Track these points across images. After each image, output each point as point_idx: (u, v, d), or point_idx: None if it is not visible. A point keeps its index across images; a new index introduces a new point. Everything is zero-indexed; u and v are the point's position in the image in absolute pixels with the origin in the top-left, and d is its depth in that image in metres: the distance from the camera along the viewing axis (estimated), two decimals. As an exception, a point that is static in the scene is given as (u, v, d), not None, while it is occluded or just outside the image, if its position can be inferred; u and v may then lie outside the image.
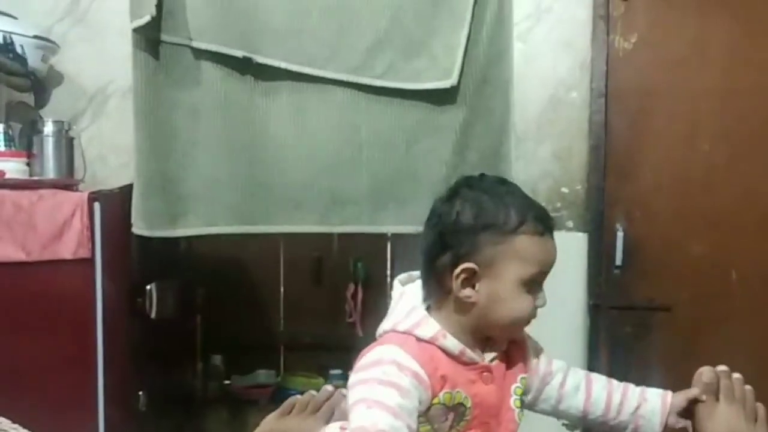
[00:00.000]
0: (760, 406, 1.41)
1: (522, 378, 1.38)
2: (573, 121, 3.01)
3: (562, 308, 2.89)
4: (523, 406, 1.38)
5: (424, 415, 1.26)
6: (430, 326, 1.29)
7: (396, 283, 1.39)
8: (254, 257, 3.15)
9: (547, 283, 1.30)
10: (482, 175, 1.38)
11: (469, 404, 1.29)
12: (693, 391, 1.42)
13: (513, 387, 1.36)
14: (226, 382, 3.14)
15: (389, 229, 2.51)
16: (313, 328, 3.14)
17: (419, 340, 1.28)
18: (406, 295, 1.35)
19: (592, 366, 2.86)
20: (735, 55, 2.94)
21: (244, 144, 2.37)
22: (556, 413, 1.49)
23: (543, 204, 1.35)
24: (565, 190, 3.01)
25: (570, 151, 3.02)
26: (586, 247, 2.95)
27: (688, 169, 2.95)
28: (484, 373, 1.31)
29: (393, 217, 2.44)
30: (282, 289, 3.18)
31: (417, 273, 1.35)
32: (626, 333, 3.00)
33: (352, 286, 3.10)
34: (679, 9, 2.96)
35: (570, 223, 3.01)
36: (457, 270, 1.27)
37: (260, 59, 2.35)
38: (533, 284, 1.28)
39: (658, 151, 2.97)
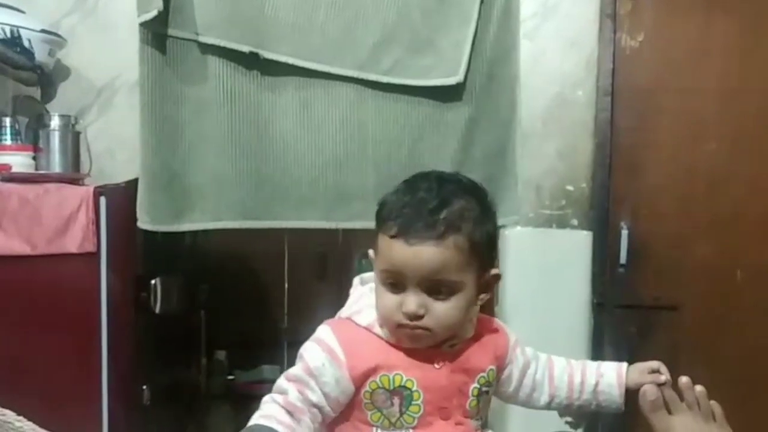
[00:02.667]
0: (715, 405, 1.42)
1: (491, 369, 1.40)
2: (579, 119, 3.01)
3: (566, 307, 2.89)
4: (482, 396, 1.39)
5: (370, 400, 1.32)
6: (369, 314, 1.35)
7: (356, 278, 1.46)
8: (259, 253, 3.15)
9: (551, 282, 1.31)
10: (431, 171, 1.40)
11: (414, 387, 1.31)
12: (648, 365, 1.47)
13: (478, 375, 1.38)
14: (230, 377, 3.15)
15: (394, 225, 2.50)
16: (317, 323, 3.12)
17: (358, 325, 1.35)
18: (359, 288, 1.43)
19: (596, 365, 2.86)
20: (742, 54, 2.93)
21: (250, 139, 2.37)
22: (528, 402, 1.54)
23: (547, 202, 1.36)
24: (570, 187, 3.01)
25: (575, 148, 3.02)
26: (591, 245, 2.95)
27: (693, 168, 2.95)
28: (435, 360, 1.34)
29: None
30: (286, 285, 3.18)
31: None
32: (631, 332, 3.00)
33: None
34: (686, 8, 2.96)
35: (575, 221, 3.01)
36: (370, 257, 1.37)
37: (267, 55, 2.35)
38: (392, 284, 1.29)
39: (663, 149, 2.97)
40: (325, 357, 1.31)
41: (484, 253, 1.33)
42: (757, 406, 2.77)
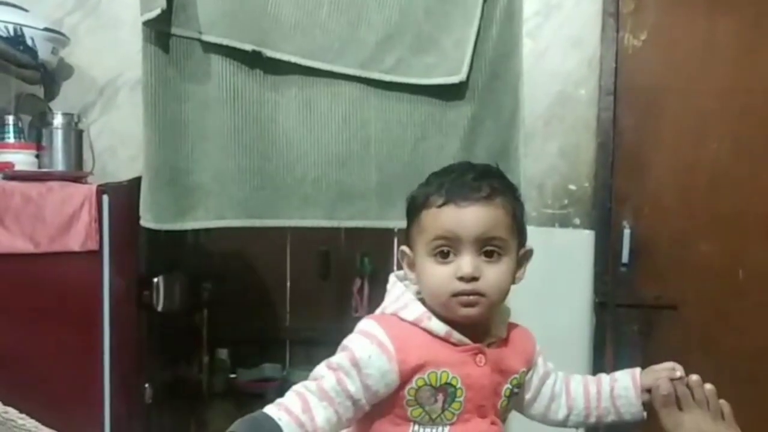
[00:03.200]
0: (724, 404, 1.43)
1: (522, 371, 1.42)
2: (581, 118, 3.01)
3: (568, 305, 2.89)
4: (512, 397, 1.41)
5: (414, 396, 1.31)
6: (415, 308, 1.35)
7: (391, 275, 1.44)
8: (261, 251, 3.15)
9: (553, 281, 1.32)
10: (453, 164, 1.44)
11: (458, 384, 1.32)
12: (664, 366, 1.47)
13: (511, 377, 1.40)
14: (232, 375, 3.15)
15: (397, 224, 2.50)
16: (320, 322, 3.14)
17: (403, 320, 1.34)
18: (398, 285, 1.41)
19: (598, 364, 2.87)
20: (744, 53, 2.93)
21: (253, 138, 2.37)
22: (546, 414, 1.54)
23: (549, 201, 1.38)
24: (572, 187, 3.01)
25: (578, 148, 3.02)
26: (593, 244, 2.94)
27: (695, 167, 2.95)
28: (478, 355, 1.35)
29: (400, 212, 2.40)
30: (288, 284, 3.19)
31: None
32: (632, 331, 3.00)
33: (358, 281, 3.10)
34: (689, 7, 2.96)
35: (577, 221, 3.01)
36: (399, 255, 1.40)
37: (270, 53, 2.35)
38: (441, 254, 1.32)
39: (666, 148, 2.97)
40: (373, 349, 1.29)
41: (522, 225, 1.39)
42: (760, 405, 2.77)
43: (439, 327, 1.33)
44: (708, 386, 1.43)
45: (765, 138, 2.92)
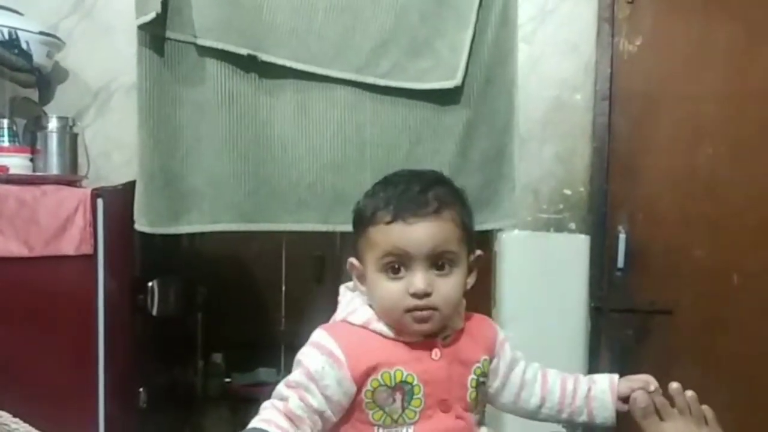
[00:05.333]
0: (706, 409, 1.43)
1: (484, 359, 1.42)
2: (576, 123, 3.01)
3: (563, 310, 2.89)
4: (480, 387, 1.41)
5: (371, 399, 1.32)
6: (363, 312, 1.37)
7: (342, 287, 1.47)
8: (256, 255, 3.15)
9: (548, 285, 1.32)
10: (398, 171, 1.45)
11: (414, 381, 1.32)
12: (639, 378, 1.47)
13: (474, 366, 1.40)
14: (227, 380, 3.15)
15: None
16: (315, 326, 3.12)
17: (353, 325, 1.36)
18: (348, 293, 1.44)
19: (593, 369, 2.86)
20: (740, 59, 2.94)
21: (248, 142, 2.37)
22: (516, 403, 1.54)
23: (544, 206, 1.39)
24: (567, 191, 3.01)
25: (573, 153, 3.02)
26: (588, 249, 2.95)
27: (691, 173, 2.96)
28: (433, 350, 1.35)
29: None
30: (284, 288, 3.19)
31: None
32: (627, 336, 3.00)
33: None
34: (684, 12, 2.96)
35: (572, 225, 3.01)
36: (348, 266, 1.41)
37: (265, 57, 2.35)
38: (392, 269, 1.32)
39: (661, 154, 2.97)
40: (324, 359, 1.31)
41: (470, 232, 1.39)
42: (754, 410, 2.77)
43: (387, 329, 1.35)
44: (689, 393, 1.43)
45: (760, 143, 2.93)
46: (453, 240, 1.33)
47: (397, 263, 1.32)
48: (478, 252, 1.42)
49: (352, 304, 1.40)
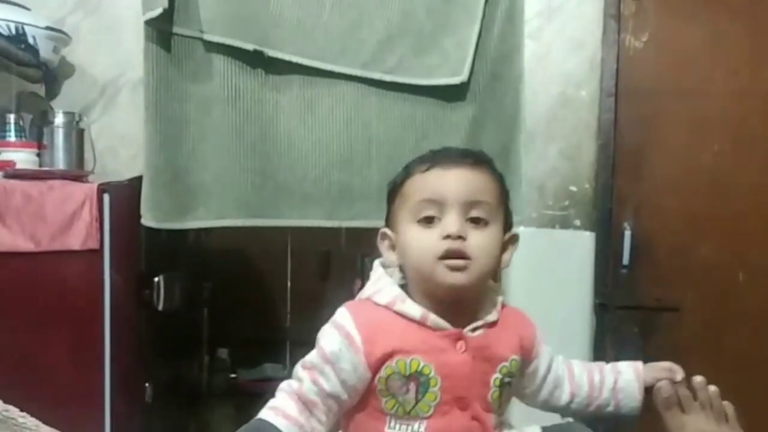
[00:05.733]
0: (727, 405, 1.43)
1: (513, 359, 1.35)
2: (582, 120, 3.01)
3: (568, 307, 2.89)
4: (504, 387, 1.34)
5: (384, 386, 1.27)
6: (390, 291, 1.32)
7: (376, 262, 1.41)
8: (262, 251, 3.15)
9: (553, 282, 1.32)
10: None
11: (431, 373, 1.26)
12: (662, 366, 1.46)
13: (500, 365, 1.33)
14: (233, 375, 3.15)
15: (397, 224, 2.51)
16: (320, 322, 3.11)
17: (377, 305, 1.31)
18: (380, 270, 1.38)
19: (598, 365, 2.86)
20: (745, 56, 2.93)
21: (254, 137, 2.37)
22: (548, 401, 1.50)
23: (550, 202, 1.37)
24: (573, 188, 3.01)
25: (579, 149, 3.02)
26: (594, 246, 2.94)
27: (697, 169, 2.95)
28: (458, 341, 1.29)
29: (401, 213, 2.44)
30: (289, 284, 3.19)
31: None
32: (633, 333, 3.00)
33: (358, 282, 3.10)
34: (690, 9, 2.96)
35: (578, 222, 3.01)
36: (378, 237, 1.37)
37: (271, 53, 2.35)
38: (426, 219, 1.29)
39: (667, 150, 2.97)
40: (342, 341, 1.28)
41: (507, 207, 1.35)
42: (760, 407, 2.76)
43: (413, 309, 1.29)
44: (712, 388, 1.42)
45: (766, 140, 2.92)
46: (490, 192, 1.30)
47: (431, 211, 1.28)
48: (515, 230, 1.37)
49: (380, 282, 1.35)
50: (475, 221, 1.28)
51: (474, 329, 1.31)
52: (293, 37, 2.36)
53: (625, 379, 1.49)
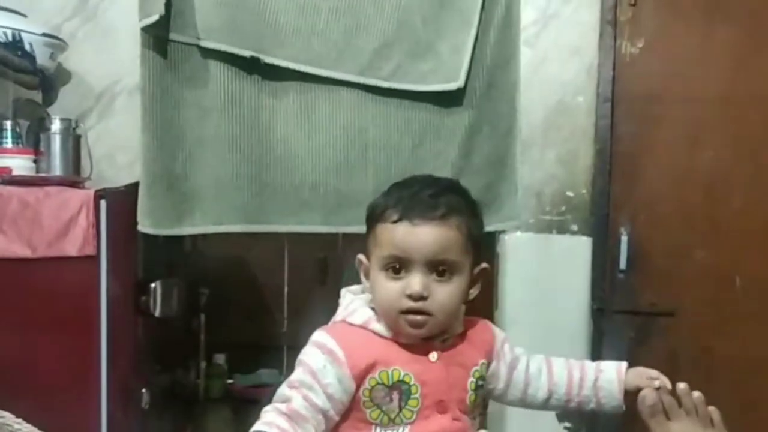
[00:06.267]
0: (713, 410, 1.43)
1: (482, 363, 1.44)
2: (579, 126, 3.02)
3: (565, 312, 2.90)
4: (479, 390, 1.43)
5: (369, 397, 1.33)
6: (363, 312, 1.39)
7: (343, 290, 1.49)
8: (259, 257, 3.15)
9: (550, 287, 1.33)
10: (418, 174, 1.50)
11: (411, 381, 1.33)
12: (647, 373, 1.48)
13: (472, 369, 1.42)
14: (229, 381, 3.14)
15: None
16: (317, 328, 3.13)
17: (351, 325, 1.38)
18: (349, 295, 1.46)
19: (594, 370, 2.86)
20: (741, 62, 2.94)
21: (251, 143, 2.37)
22: (524, 399, 1.56)
23: (547, 207, 1.39)
24: (570, 194, 3.02)
25: (576, 155, 3.02)
26: (591, 251, 2.95)
27: (692, 175, 2.96)
28: (430, 352, 1.37)
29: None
30: (286, 289, 3.18)
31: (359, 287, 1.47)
32: (630, 338, 3.00)
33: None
34: (687, 15, 2.96)
35: (574, 227, 3.01)
36: (356, 262, 1.43)
37: (268, 59, 2.35)
38: (393, 269, 1.34)
39: (663, 156, 2.97)
40: (325, 358, 1.33)
41: (477, 244, 1.40)
42: (755, 413, 2.77)
43: (385, 330, 1.36)
44: (696, 394, 1.43)
45: (762, 145, 2.93)
46: (455, 248, 1.34)
47: (398, 263, 1.33)
48: (484, 265, 1.43)
49: (352, 305, 1.42)
50: (441, 274, 1.34)
51: (443, 340, 1.39)
52: (290, 44, 2.37)
53: (606, 378, 1.53)
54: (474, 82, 2.42)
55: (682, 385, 1.44)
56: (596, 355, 2.94)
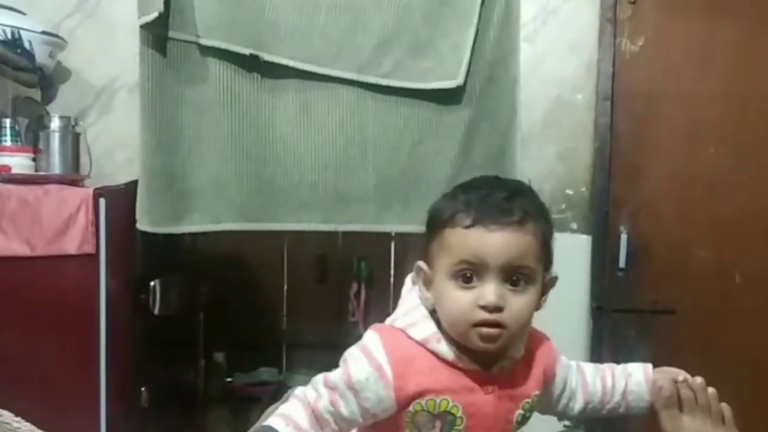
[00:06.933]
0: (725, 407, 1.42)
1: (536, 394, 1.33)
2: (578, 123, 3.01)
3: (565, 310, 2.88)
4: (523, 422, 1.32)
5: (411, 419, 1.24)
6: (426, 327, 1.27)
7: (408, 279, 1.35)
8: (258, 255, 3.15)
9: (550, 285, 1.29)
10: (480, 177, 1.33)
11: (458, 413, 1.24)
12: (670, 371, 1.45)
13: (523, 402, 1.31)
14: (229, 379, 3.14)
15: (394, 228, 2.51)
16: (316, 326, 3.15)
17: (410, 338, 1.26)
18: (413, 293, 1.32)
19: (594, 368, 2.86)
20: (741, 59, 2.94)
21: (250, 141, 2.37)
22: (563, 413, 1.49)
23: (548, 204, 1.31)
24: (569, 191, 3.01)
25: (575, 152, 3.02)
26: (590, 249, 2.95)
27: (692, 172, 2.96)
28: (486, 385, 1.27)
29: (398, 216, 2.44)
30: (285, 287, 3.18)
31: None
32: (629, 336, 3.00)
33: (355, 285, 3.10)
34: (686, 13, 2.96)
35: (574, 225, 3.01)
36: (414, 270, 1.29)
37: (267, 57, 2.35)
38: (464, 278, 1.22)
39: (662, 153, 2.97)
40: (371, 372, 1.23)
41: (549, 250, 1.30)
42: (757, 410, 2.76)
43: (447, 351, 1.25)
44: (710, 390, 1.42)
45: (762, 143, 2.93)
46: (531, 255, 1.23)
47: (470, 271, 1.22)
48: (554, 273, 1.33)
49: (415, 314, 1.29)
50: (515, 284, 1.23)
51: (502, 367, 1.28)
52: (289, 41, 2.36)
53: (635, 381, 1.47)
54: (474, 79, 2.42)
55: (699, 380, 1.43)
56: (596, 353, 2.94)
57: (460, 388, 1.25)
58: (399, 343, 1.25)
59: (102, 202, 2.31)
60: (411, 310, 1.30)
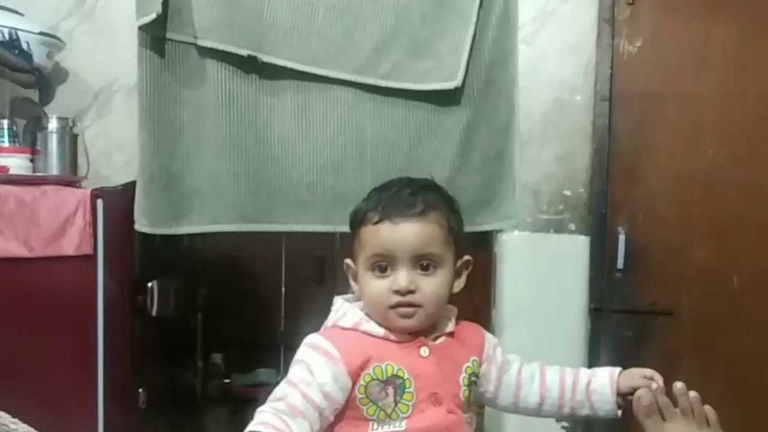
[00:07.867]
0: (709, 410, 1.43)
1: (474, 359, 1.49)
2: (577, 124, 3.01)
3: (563, 311, 2.89)
4: (471, 385, 1.47)
5: (364, 393, 1.37)
6: (353, 315, 1.45)
7: (336, 298, 1.54)
8: (256, 256, 3.15)
9: (548, 286, 1.35)
10: (395, 179, 1.54)
11: (405, 375, 1.38)
12: (641, 373, 1.50)
13: (464, 365, 1.47)
14: (226, 380, 3.15)
15: (392, 229, 2.51)
16: (314, 327, 3.12)
17: (343, 329, 1.43)
18: (339, 300, 1.51)
19: (592, 370, 2.86)
20: (739, 60, 2.94)
21: (248, 142, 2.36)
22: (516, 404, 1.59)
23: (545, 206, 1.41)
24: (567, 192, 3.01)
25: (573, 154, 3.02)
26: (588, 250, 2.95)
27: (691, 174, 2.96)
28: (421, 347, 1.42)
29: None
30: (283, 289, 3.19)
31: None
32: (628, 337, 3.00)
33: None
34: (684, 14, 2.96)
35: (572, 226, 3.01)
36: (344, 267, 1.51)
37: (265, 58, 2.35)
38: (379, 268, 1.41)
39: (661, 154, 2.97)
40: (320, 357, 1.36)
41: (458, 237, 1.46)
42: (755, 411, 2.77)
43: (377, 329, 1.42)
44: (692, 393, 1.42)
45: (760, 144, 2.93)
46: (437, 242, 1.41)
47: (383, 262, 1.40)
48: (466, 257, 1.49)
49: (342, 310, 1.47)
50: (425, 268, 1.40)
51: (434, 338, 1.45)
52: (287, 42, 2.36)
53: (599, 381, 1.55)
54: (472, 80, 2.41)
55: (678, 385, 1.43)
56: (594, 354, 2.94)
57: (399, 354, 1.41)
58: (335, 333, 1.43)
59: (100, 203, 2.31)
60: (337, 310, 1.49)
